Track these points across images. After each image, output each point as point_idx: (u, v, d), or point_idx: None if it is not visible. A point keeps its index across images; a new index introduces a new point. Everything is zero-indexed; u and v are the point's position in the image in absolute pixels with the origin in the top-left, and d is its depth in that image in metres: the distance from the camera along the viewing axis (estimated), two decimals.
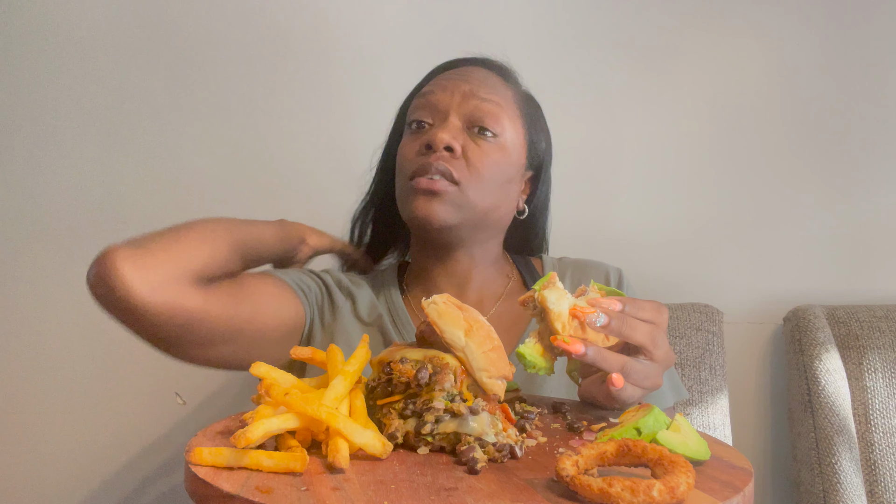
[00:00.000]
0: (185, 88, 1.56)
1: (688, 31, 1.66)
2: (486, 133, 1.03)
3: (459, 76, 1.08)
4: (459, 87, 1.05)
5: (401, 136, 1.11)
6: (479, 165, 1.02)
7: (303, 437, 0.61)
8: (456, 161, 1.01)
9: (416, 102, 1.08)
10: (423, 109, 1.06)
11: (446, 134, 1.00)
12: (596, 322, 0.72)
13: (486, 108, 1.04)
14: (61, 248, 1.52)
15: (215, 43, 1.56)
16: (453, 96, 1.05)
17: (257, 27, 1.58)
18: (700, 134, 1.66)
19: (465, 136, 1.03)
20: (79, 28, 1.53)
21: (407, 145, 1.06)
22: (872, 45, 1.67)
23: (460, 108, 1.04)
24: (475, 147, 1.02)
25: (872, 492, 1.43)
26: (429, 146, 1.01)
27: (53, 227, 1.52)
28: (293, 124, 1.58)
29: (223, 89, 1.56)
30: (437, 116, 1.05)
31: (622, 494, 0.50)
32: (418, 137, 1.05)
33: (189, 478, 0.55)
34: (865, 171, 1.67)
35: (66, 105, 1.53)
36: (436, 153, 1.00)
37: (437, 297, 0.66)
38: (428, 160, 1.00)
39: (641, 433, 0.62)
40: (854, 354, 1.51)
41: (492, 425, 0.62)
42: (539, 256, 1.23)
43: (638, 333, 0.74)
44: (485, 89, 1.06)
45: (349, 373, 0.64)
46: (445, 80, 1.07)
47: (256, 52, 1.57)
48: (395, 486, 0.54)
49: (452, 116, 1.04)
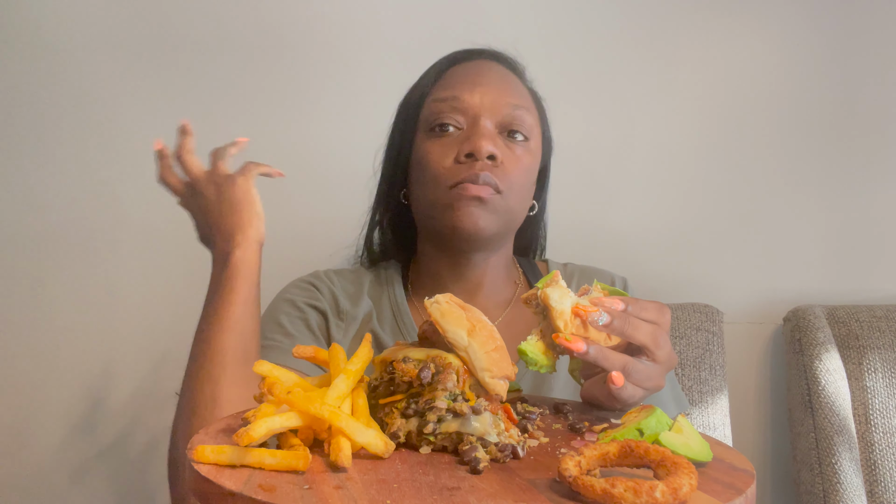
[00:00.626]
0: (185, 88, 1.55)
1: (688, 31, 1.66)
2: (517, 137, 1.03)
3: (480, 75, 1.05)
4: (487, 90, 1.02)
5: (410, 137, 1.08)
6: (515, 172, 1.01)
7: (305, 435, 0.61)
8: (497, 169, 0.99)
9: (440, 105, 1.03)
10: (450, 113, 1.02)
11: (489, 143, 0.98)
12: (598, 321, 0.72)
13: (517, 113, 1.03)
14: (62, 249, 1.52)
15: (216, 42, 1.56)
16: (483, 100, 1.02)
17: (258, 27, 1.57)
18: (700, 134, 1.66)
19: (501, 142, 1.01)
20: (79, 28, 1.53)
21: (436, 151, 1.02)
22: (873, 46, 1.67)
23: (492, 113, 1.02)
24: (510, 153, 1.01)
25: (872, 492, 1.43)
26: (469, 154, 0.99)
27: (54, 227, 1.52)
28: (294, 124, 1.58)
29: (223, 89, 1.56)
30: (467, 120, 1.02)
31: (625, 495, 0.50)
32: (449, 143, 1.02)
33: (191, 476, 0.55)
34: (865, 171, 1.67)
35: (67, 105, 1.52)
36: (479, 161, 0.98)
37: (439, 296, 0.66)
38: (474, 170, 0.98)
39: (644, 434, 0.62)
40: (854, 354, 1.51)
41: (494, 425, 0.62)
42: (544, 260, 1.23)
43: (640, 333, 0.74)
44: (511, 91, 1.04)
45: (352, 372, 0.64)
46: (468, 80, 1.04)
47: (257, 51, 1.57)
48: (398, 485, 0.54)
49: (485, 121, 1.01)
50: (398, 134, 1.12)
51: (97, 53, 1.54)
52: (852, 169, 1.67)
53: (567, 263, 1.21)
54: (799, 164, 1.66)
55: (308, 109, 1.58)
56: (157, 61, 1.55)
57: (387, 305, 1.10)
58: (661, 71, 1.65)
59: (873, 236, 1.68)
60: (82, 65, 1.53)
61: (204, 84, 1.56)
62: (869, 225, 1.67)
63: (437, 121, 1.03)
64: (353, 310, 1.09)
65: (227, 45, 1.56)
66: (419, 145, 1.05)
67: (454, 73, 1.07)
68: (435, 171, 1.01)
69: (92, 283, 1.52)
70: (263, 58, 1.57)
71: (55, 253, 1.51)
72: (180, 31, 1.56)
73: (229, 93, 1.56)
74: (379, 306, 1.10)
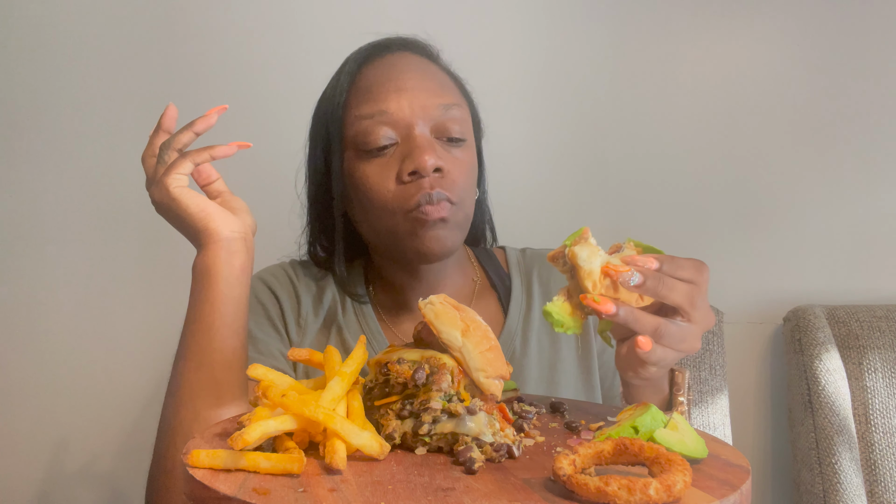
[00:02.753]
0: (185, 88, 1.55)
1: (688, 30, 1.66)
2: (456, 141, 0.97)
3: (400, 76, 0.97)
4: (413, 94, 0.95)
5: (337, 155, 0.99)
6: (462, 177, 0.96)
7: (300, 438, 0.61)
8: (444, 180, 0.93)
9: (367, 124, 0.95)
10: (380, 129, 0.94)
11: (432, 156, 0.92)
12: (630, 281, 0.68)
13: (450, 114, 0.96)
14: (62, 248, 1.52)
15: (216, 42, 1.56)
16: (412, 106, 0.94)
17: (258, 26, 1.57)
18: (700, 133, 1.66)
19: (440, 150, 0.95)
20: (79, 28, 1.53)
21: (375, 173, 0.95)
22: (873, 46, 1.67)
23: (425, 119, 0.95)
24: (452, 158, 0.96)
25: (872, 492, 1.43)
26: (414, 171, 0.92)
27: (54, 228, 1.52)
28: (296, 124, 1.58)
29: (224, 89, 1.56)
30: (399, 132, 0.95)
31: (619, 493, 0.50)
32: (386, 162, 0.95)
33: (186, 480, 0.55)
34: (865, 171, 1.67)
35: (67, 105, 1.53)
36: (427, 178, 0.92)
37: (433, 297, 0.66)
38: (424, 189, 0.92)
39: (639, 432, 0.62)
40: (854, 354, 1.51)
41: (489, 425, 0.62)
42: (501, 247, 1.18)
43: (675, 293, 0.69)
44: (437, 88, 0.97)
45: (346, 374, 0.64)
46: (389, 85, 0.96)
47: (258, 51, 1.57)
48: (393, 486, 0.54)
49: (420, 129, 0.94)
50: (321, 152, 1.04)
51: (99, 53, 1.53)
52: (852, 169, 1.67)
53: (525, 249, 1.17)
54: (799, 165, 1.66)
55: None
56: (159, 61, 1.55)
57: (350, 309, 1.06)
58: (662, 71, 1.65)
59: (873, 236, 1.68)
60: (84, 65, 1.53)
61: (206, 84, 1.55)
62: (869, 225, 1.67)
63: (368, 143, 0.95)
64: (314, 311, 1.06)
65: (230, 46, 1.56)
66: (352, 166, 0.98)
67: (369, 76, 0.98)
68: (380, 195, 0.95)
69: (92, 283, 1.52)
70: (267, 58, 1.56)
71: (55, 253, 1.52)
72: (183, 30, 1.55)
73: (232, 93, 1.56)
74: (344, 303, 1.07)
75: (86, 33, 1.53)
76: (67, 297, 1.51)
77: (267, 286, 1.07)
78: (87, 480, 1.52)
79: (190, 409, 0.82)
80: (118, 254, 1.53)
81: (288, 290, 1.07)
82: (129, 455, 1.52)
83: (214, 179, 0.92)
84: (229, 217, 0.87)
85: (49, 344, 1.51)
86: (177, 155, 0.86)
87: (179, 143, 0.87)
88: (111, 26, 1.54)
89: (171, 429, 0.83)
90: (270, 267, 1.12)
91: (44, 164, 1.52)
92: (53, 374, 1.51)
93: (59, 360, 1.51)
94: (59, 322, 1.52)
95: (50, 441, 1.51)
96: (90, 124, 1.54)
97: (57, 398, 1.51)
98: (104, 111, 1.54)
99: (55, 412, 1.51)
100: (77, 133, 1.53)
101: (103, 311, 1.52)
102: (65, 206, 1.52)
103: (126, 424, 1.52)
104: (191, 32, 1.56)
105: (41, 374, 1.51)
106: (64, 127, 1.53)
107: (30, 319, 1.51)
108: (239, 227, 0.87)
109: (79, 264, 1.52)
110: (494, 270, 1.12)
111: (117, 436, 1.52)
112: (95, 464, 1.52)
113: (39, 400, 1.51)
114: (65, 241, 1.52)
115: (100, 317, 1.52)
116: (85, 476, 1.52)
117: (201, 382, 0.83)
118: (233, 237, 0.86)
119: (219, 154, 0.86)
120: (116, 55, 1.54)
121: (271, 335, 1.03)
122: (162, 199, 0.85)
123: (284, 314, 1.05)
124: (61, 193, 1.52)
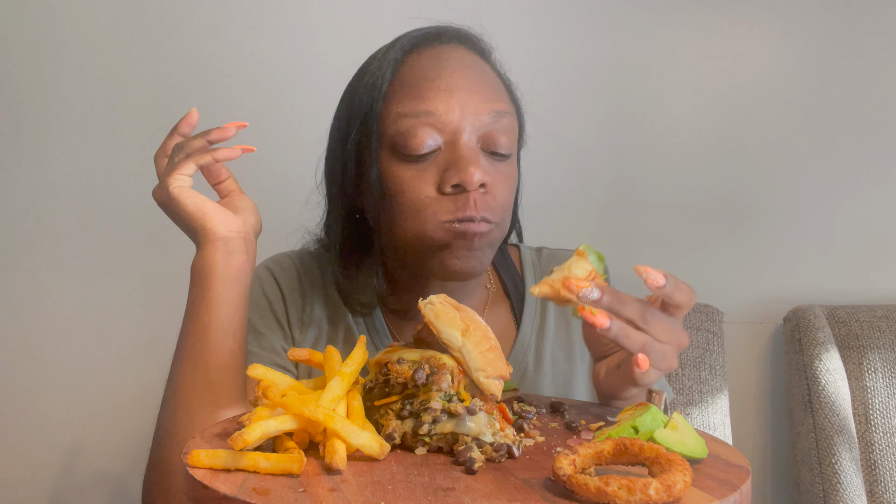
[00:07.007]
0: (185, 87, 1.55)
1: (688, 30, 1.66)
2: (502, 156, 0.90)
3: (452, 75, 0.89)
4: (464, 96, 0.88)
5: (371, 152, 0.91)
6: (504, 195, 0.90)
7: (300, 438, 0.61)
8: (487, 196, 0.87)
9: (410, 123, 0.87)
10: (424, 131, 0.87)
11: (478, 170, 0.85)
12: (589, 296, 0.70)
13: (500, 125, 0.89)
14: (62, 248, 1.52)
15: (216, 42, 1.56)
16: (462, 111, 0.87)
17: (259, 26, 1.57)
18: (700, 133, 1.66)
19: (486, 163, 0.88)
20: (79, 28, 1.53)
21: (413, 178, 0.88)
22: (873, 47, 1.67)
23: (474, 127, 0.88)
24: (496, 174, 0.89)
25: (872, 492, 1.43)
26: (457, 185, 0.85)
27: (55, 228, 1.52)
28: (297, 123, 1.58)
29: (224, 88, 1.56)
30: (444, 137, 0.88)
31: (619, 493, 0.50)
32: (427, 168, 0.88)
33: (186, 480, 0.56)
34: (866, 171, 1.67)
35: (67, 105, 1.53)
36: (471, 192, 0.85)
37: (433, 297, 0.66)
38: (468, 205, 0.85)
39: (639, 432, 0.62)
40: (854, 354, 1.51)
41: (489, 425, 0.62)
42: (515, 245, 1.12)
43: (627, 308, 0.71)
44: (490, 91, 0.90)
45: (346, 374, 0.64)
46: (439, 83, 0.88)
47: (258, 50, 1.57)
48: (393, 486, 0.54)
49: (467, 137, 0.87)
50: (352, 145, 0.94)
51: (99, 53, 1.53)
52: (852, 169, 1.67)
53: (541, 248, 1.12)
54: (799, 164, 1.66)
55: (314, 108, 1.58)
56: (159, 60, 1.54)
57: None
58: (662, 71, 1.65)
59: (873, 236, 1.68)
60: (84, 65, 1.52)
61: (206, 84, 1.55)
62: (869, 225, 1.67)
63: (410, 146, 0.87)
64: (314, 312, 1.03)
65: (230, 46, 1.56)
66: (388, 166, 0.90)
67: (416, 69, 0.90)
68: (415, 202, 0.87)
69: (92, 283, 1.52)
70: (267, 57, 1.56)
71: (55, 253, 1.51)
72: (183, 30, 1.55)
73: (232, 93, 1.56)
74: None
75: (86, 33, 1.53)
76: (67, 297, 1.51)
77: (274, 279, 1.03)
78: (86, 480, 1.52)
79: (185, 413, 0.82)
80: (118, 254, 1.53)
81: (294, 286, 1.03)
82: (128, 455, 1.52)
83: (224, 178, 0.91)
84: (228, 216, 0.85)
85: (49, 344, 1.51)
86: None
87: (191, 148, 0.85)
88: (112, 26, 1.54)
89: (166, 432, 0.83)
90: (279, 257, 1.06)
91: (44, 164, 1.52)
92: (53, 374, 1.51)
93: (58, 361, 1.51)
94: (59, 322, 1.51)
95: (49, 441, 1.51)
96: (90, 124, 1.53)
97: (56, 398, 1.51)
98: (104, 111, 1.54)
99: (54, 412, 1.51)
100: (77, 133, 1.53)
101: (103, 311, 1.52)
102: (65, 206, 1.52)
103: (126, 425, 1.52)
104: (193, 31, 1.56)
105: (40, 373, 1.51)
106: (64, 127, 1.53)
107: (30, 319, 1.51)
108: (238, 227, 0.85)
109: (78, 264, 1.52)
110: (508, 274, 1.08)
111: (117, 436, 1.52)
112: (94, 464, 1.52)
113: (38, 399, 1.51)
114: (65, 241, 1.52)
115: (99, 317, 1.52)
116: (84, 476, 1.52)
117: (196, 385, 0.82)
118: (231, 237, 0.84)
119: (222, 157, 0.84)
120: (117, 55, 1.54)
121: (275, 330, 1.00)
122: (162, 198, 0.85)
123: (288, 311, 1.02)
124: (61, 193, 1.52)
